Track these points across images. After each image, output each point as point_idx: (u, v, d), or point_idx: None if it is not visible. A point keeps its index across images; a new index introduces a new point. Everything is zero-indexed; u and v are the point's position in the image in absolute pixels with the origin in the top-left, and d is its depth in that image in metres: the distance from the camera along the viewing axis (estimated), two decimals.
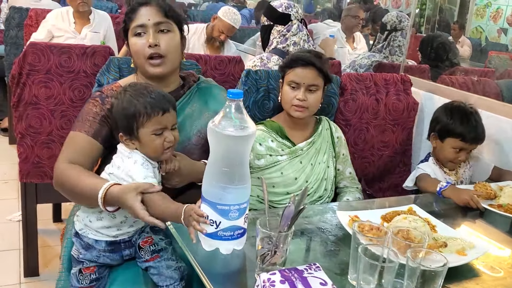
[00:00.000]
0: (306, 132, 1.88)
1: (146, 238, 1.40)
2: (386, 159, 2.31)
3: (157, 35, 1.47)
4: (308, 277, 0.99)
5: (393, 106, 2.26)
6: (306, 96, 1.75)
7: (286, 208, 1.06)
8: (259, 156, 1.78)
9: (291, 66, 1.78)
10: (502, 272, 1.26)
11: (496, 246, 1.41)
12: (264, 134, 1.80)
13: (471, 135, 1.89)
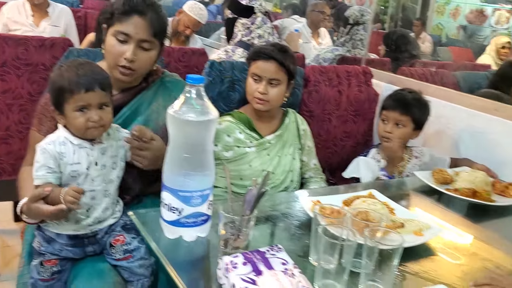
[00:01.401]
0: (273, 124, 1.90)
1: (117, 237, 1.38)
2: (349, 150, 2.36)
3: (137, 51, 1.46)
4: (269, 258, 1.01)
5: (355, 97, 2.30)
6: (267, 90, 1.76)
7: (248, 192, 1.08)
8: (227, 147, 1.79)
9: (254, 59, 1.80)
10: (456, 252, 1.31)
11: (452, 228, 1.47)
12: (232, 125, 1.81)
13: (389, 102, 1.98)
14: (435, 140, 2.18)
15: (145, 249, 1.39)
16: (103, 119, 1.30)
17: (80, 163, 1.29)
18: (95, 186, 1.32)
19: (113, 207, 1.40)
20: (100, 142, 1.34)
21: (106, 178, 1.35)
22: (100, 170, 1.33)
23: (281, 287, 0.91)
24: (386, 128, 1.98)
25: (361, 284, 1.07)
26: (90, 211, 1.34)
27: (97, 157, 1.33)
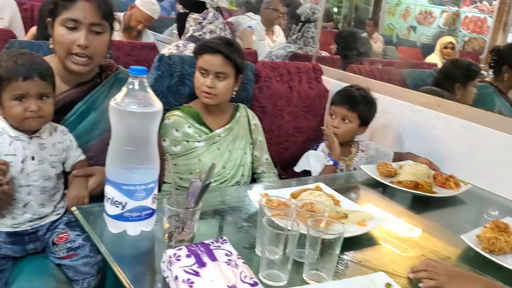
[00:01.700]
0: (223, 119, 1.90)
1: (61, 234, 1.34)
2: (300, 145, 2.39)
3: (89, 35, 1.42)
4: (214, 250, 1.01)
5: (305, 93, 2.34)
6: (214, 83, 1.77)
7: (191, 184, 1.07)
8: (175, 142, 1.78)
9: (201, 53, 1.79)
10: (398, 242, 1.36)
11: (395, 219, 1.52)
12: (181, 120, 1.80)
13: (337, 97, 2.04)
14: (381, 135, 2.25)
15: (90, 247, 1.36)
16: (43, 109, 1.26)
17: (16, 155, 1.25)
18: (31, 181, 1.28)
19: (53, 203, 1.36)
20: (39, 137, 1.30)
21: (44, 175, 1.31)
22: (37, 165, 1.29)
23: (223, 277, 0.91)
24: (334, 123, 2.02)
25: (305, 273, 1.09)
26: (27, 207, 1.29)
27: (35, 151, 1.29)
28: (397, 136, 2.18)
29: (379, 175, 1.79)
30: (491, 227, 1.33)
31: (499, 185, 1.81)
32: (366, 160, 2.08)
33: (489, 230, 1.31)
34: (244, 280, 0.91)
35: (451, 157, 1.97)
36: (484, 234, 1.30)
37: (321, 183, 1.59)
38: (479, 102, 2.38)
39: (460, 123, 1.94)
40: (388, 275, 1.09)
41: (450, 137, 1.98)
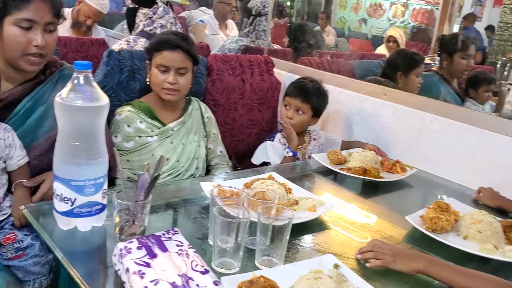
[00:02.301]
0: (176, 113, 1.90)
1: (8, 235, 1.31)
2: (255, 137, 2.42)
3: (44, 35, 1.40)
4: (165, 241, 1.02)
5: (258, 86, 2.37)
6: (176, 79, 1.76)
7: (140, 177, 1.08)
8: (127, 138, 1.76)
9: (158, 49, 1.78)
10: (347, 225, 1.41)
11: (345, 204, 1.57)
12: (133, 115, 1.79)
13: (292, 89, 2.09)
14: (332, 124, 2.31)
15: (40, 246, 1.34)
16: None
17: None
18: None
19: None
20: None
21: None
22: None
23: (174, 267, 0.93)
24: (288, 113, 2.07)
25: (257, 260, 1.12)
26: None
27: None
28: (347, 125, 2.25)
29: (329, 163, 1.84)
30: (433, 208, 1.40)
31: (442, 168, 1.90)
32: (318, 148, 2.14)
33: (431, 211, 1.38)
34: (195, 268, 0.93)
35: (398, 143, 2.05)
36: (427, 214, 1.36)
37: (273, 173, 1.62)
38: (426, 90, 2.48)
39: (405, 110, 2.02)
40: (336, 257, 1.13)
41: (396, 124, 2.05)
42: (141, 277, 0.90)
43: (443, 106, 1.96)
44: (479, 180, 1.75)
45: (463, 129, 1.83)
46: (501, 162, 1.73)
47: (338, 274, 1.04)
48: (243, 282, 0.96)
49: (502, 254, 1.25)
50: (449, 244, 1.27)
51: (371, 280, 1.06)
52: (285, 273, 1.03)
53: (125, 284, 0.95)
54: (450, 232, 1.35)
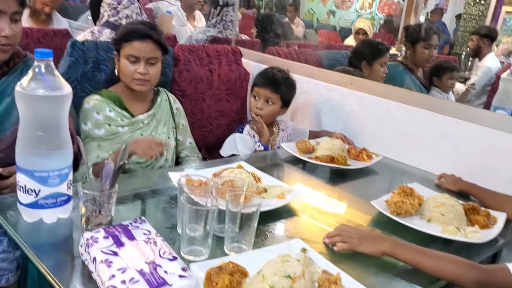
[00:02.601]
0: (145, 104, 1.88)
1: None
2: (224, 128, 2.41)
3: (11, 25, 1.40)
4: (132, 230, 1.01)
5: (226, 76, 2.36)
6: (147, 70, 1.75)
7: (104, 166, 1.06)
8: (98, 125, 1.74)
9: (128, 40, 1.75)
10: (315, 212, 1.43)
11: (313, 191, 1.59)
12: (101, 103, 1.76)
13: (260, 79, 2.09)
14: (301, 114, 2.34)
15: (8, 242, 1.31)
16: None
17: None
18: None
19: None
20: None
21: None
22: None
23: (142, 255, 0.92)
24: (257, 104, 2.07)
25: (226, 247, 1.12)
26: None
27: None
28: (315, 114, 2.28)
29: (298, 152, 1.86)
30: (398, 192, 1.44)
31: (407, 155, 1.95)
32: (286, 139, 2.16)
33: (396, 195, 1.42)
34: (163, 256, 0.93)
35: (364, 132, 2.08)
36: (391, 199, 1.40)
37: (243, 162, 1.63)
38: (390, 80, 2.53)
39: (371, 99, 2.06)
40: (304, 242, 1.15)
41: (362, 113, 2.09)
42: (108, 266, 0.90)
43: (408, 94, 2.01)
44: (442, 166, 1.80)
45: (427, 116, 1.88)
46: (463, 148, 1.79)
47: (305, 258, 1.05)
48: (212, 268, 0.97)
49: (464, 235, 1.29)
50: (413, 227, 1.30)
51: (338, 263, 1.08)
52: (253, 258, 1.04)
53: (92, 274, 0.94)
54: (414, 216, 1.38)
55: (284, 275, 0.92)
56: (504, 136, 1.68)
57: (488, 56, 3.74)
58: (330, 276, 0.97)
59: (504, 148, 1.67)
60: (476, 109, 1.87)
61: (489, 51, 3.77)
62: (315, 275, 1.00)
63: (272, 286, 0.90)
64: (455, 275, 1.05)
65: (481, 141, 1.73)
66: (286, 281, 0.91)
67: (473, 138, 1.75)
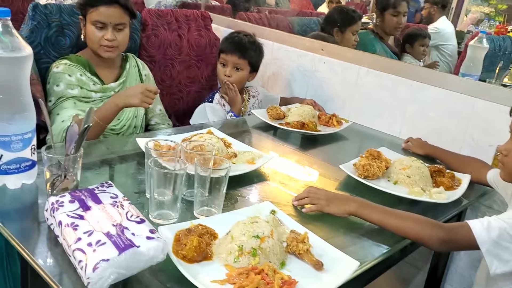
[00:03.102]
0: (114, 70, 1.84)
1: None
2: (194, 95, 2.39)
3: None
4: (98, 194, 1.00)
5: (196, 42, 2.32)
6: (115, 36, 1.70)
7: (68, 129, 1.03)
8: (71, 85, 1.69)
9: (94, 5, 1.69)
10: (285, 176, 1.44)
11: (284, 156, 1.60)
12: (72, 67, 1.71)
13: (226, 45, 2.05)
14: (272, 81, 2.32)
15: None
16: None
17: None
18: None
19: None
20: None
21: None
22: None
23: (108, 218, 0.91)
24: (226, 71, 2.04)
25: (196, 210, 1.12)
26: None
27: None
28: (286, 81, 2.27)
29: (269, 118, 1.86)
30: (366, 156, 1.46)
31: (376, 120, 1.97)
32: (257, 106, 2.15)
33: (364, 159, 1.44)
34: (130, 218, 0.92)
35: (335, 98, 2.09)
36: (359, 162, 1.42)
37: (213, 128, 1.62)
38: (362, 48, 2.53)
39: (341, 65, 2.06)
40: (274, 204, 1.16)
41: (333, 79, 2.09)
42: (74, 229, 0.88)
43: (378, 59, 2.02)
44: (409, 130, 1.83)
45: (396, 81, 1.90)
46: (430, 113, 1.82)
47: (274, 219, 1.07)
48: (181, 230, 0.97)
49: (429, 196, 1.33)
50: (380, 189, 1.33)
51: (307, 224, 1.09)
52: (223, 220, 1.05)
53: (58, 238, 0.92)
54: (381, 178, 1.41)
55: (253, 235, 0.93)
56: (469, 100, 1.71)
57: (439, 19, 3.78)
58: (298, 236, 0.98)
59: (470, 112, 1.71)
60: (443, 74, 1.89)
61: (440, 17, 3.81)
62: (283, 235, 1.01)
63: (240, 246, 0.91)
64: (418, 233, 1.08)
65: (448, 105, 1.77)
66: (255, 241, 0.92)
67: (440, 102, 1.78)
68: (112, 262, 0.81)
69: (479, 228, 1.02)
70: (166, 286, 0.87)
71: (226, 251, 0.92)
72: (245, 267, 0.88)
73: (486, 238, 1.00)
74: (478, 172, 1.45)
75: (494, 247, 1.00)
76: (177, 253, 0.91)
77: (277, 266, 0.92)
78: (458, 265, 1.78)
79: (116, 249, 0.83)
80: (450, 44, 3.45)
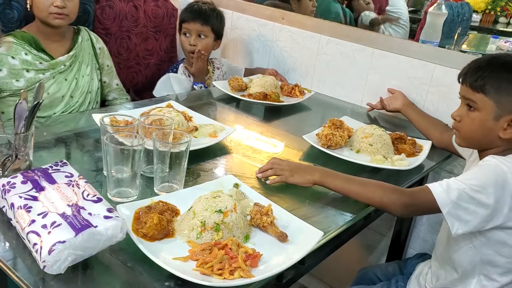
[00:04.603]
0: (64, 44, 1.75)
1: None
2: (153, 68, 2.31)
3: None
4: (53, 173, 0.95)
5: (153, 12, 2.23)
6: (65, 3, 1.61)
7: (16, 106, 0.97)
8: (15, 73, 1.59)
9: None
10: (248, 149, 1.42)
11: (246, 129, 1.58)
12: (16, 46, 1.61)
13: (187, 14, 1.99)
14: (232, 51, 2.27)
15: None
16: None
17: None
18: None
19: None
20: None
21: None
22: None
23: (63, 198, 0.87)
24: (190, 40, 1.97)
25: (156, 187, 1.09)
26: None
27: None
28: (247, 51, 2.22)
29: (231, 90, 1.82)
30: (328, 126, 1.45)
31: (338, 89, 1.97)
32: (222, 77, 2.10)
33: (326, 129, 1.43)
34: (86, 198, 0.88)
35: (297, 68, 2.07)
36: (322, 132, 1.41)
37: (172, 101, 1.57)
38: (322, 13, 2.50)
39: (302, 33, 2.02)
40: (237, 177, 1.14)
41: (294, 48, 2.06)
42: (27, 211, 0.84)
43: (338, 27, 1.99)
44: (371, 99, 1.83)
45: (357, 49, 1.89)
46: (391, 80, 1.82)
47: (237, 192, 1.05)
48: (141, 208, 0.94)
49: (391, 163, 1.34)
50: (343, 158, 1.33)
51: (271, 196, 1.09)
52: (184, 196, 1.03)
53: (11, 221, 0.88)
54: (344, 147, 1.41)
55: (215, 210, 0.91)
56: (430, 66, 1.72)
57: None
58: (262, 208, 0.97)
59: (430, 78, 1.73)
60: (404, 41, 1.89)
61: None
62: (247, 209, 1.00)
63: (203, 222, 0.89)
64: (380, 199, 1.09)
65: (408, 72, 1.77)
66: (218, 215, 0.90)
67: (400, 69, 1.79)
68: (68, 243, 0.77)
69: (439, 191, 1.03)
70: (127, 265, 0.84)
71: (189, 227, 0.90)
72: (208, 243, 0.87)
73: (447, 199, 1.02)
74: (442, 135, 1.48)
75: (455, 208, 1.01)
76: (137, 231, 0.88)
77: (241, 240, 0.91)
78: (420, 230, 1.83)
79: (73, 230, 0.79)
80: None
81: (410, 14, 3.67)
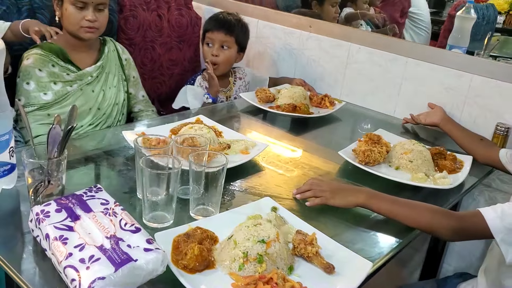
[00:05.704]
0: (92, 55, 1.74)
1: None
2: (177, 78, 2.28)
3: None
4: (87, 200, 0.92)
5: (177, 22, 2.20)
6: (96, 16, 1.61)
7: (50, 130, 0.94)
8: (43, 86, 1.58)
9: None
10: (281, 165, 1.37)
11: (277, 143, 1.53)
12: (43, 58, 1.60)
13: (212, 23, 1.96)
14: (258, 61, 2.23)
15: None
16: None
17: None
18: None
19: None
20: None
21: None
22: None
23: (101, 228, 0.83)
24: (212, 51, 1.93)
25: (191, 210, 1.05)
26: None
27: None
28: (273, 61, 2.18)
29: (258, 102, 1.78)
30: (365, 141, 1.40)
31: (369, 99, 1.91)
32: (244, 88, 2.06)
33: (363, 144, 1.38)
34: (124, 228, 0.84)
35: (325, 77, 2.02)
36: (359, 147, 1.36)
37: (201, 116, 1.53)
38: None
39: (331, 42, 1.97)
40: (273, 199, 1.10)
41: (323, 57, 2.01)
42: (63, 243, 0.80)
43: (369, 35, 1.94)
44: (404, 109, 1.77)
45: (389, 58, 1.82)
46: (424, 89, 1.76)
47: (277, 217, 1.00)
48: (179, 235, 0.90)
49: (433, 181, 1.28)
50: (382, 176, 1.27)
51: (310, 220, 1.04)
52: (222, 221, 0.98)
53: (46, 252, 0.85)
54: (382, 164, 1.35)
55: (258, 239, 0.86)
56: (461, 75, 1.66)
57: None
58: (305, 237, 0.92)
59: (467, 88, 1.66)
60: (435, 49, 1.82)
61: None
62: (288, 236, 0.95)
63: (245, 253, 0.85)
64: (429, 223, 1.03)
65: (441, 81, 1.71)
66: (260, 246, 0.86)
67: (433, 78, 1.73)
68: (108, 280, 0.74)
69: (492, 216, 0.97)
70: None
71: (230, 258, 0.86)
72: (252, 276, 0.82)
73: (500, 226, 0.96)
74: (488, 151, 1.41)
75: (509, 235, 0.95)
76: (177, 262, 0.84)
77: (285, 271, 0.86)
78: (456, 244, 1.76)
79: (112, 265, 0.75)
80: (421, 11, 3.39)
81: (431, 16, 3.59)
